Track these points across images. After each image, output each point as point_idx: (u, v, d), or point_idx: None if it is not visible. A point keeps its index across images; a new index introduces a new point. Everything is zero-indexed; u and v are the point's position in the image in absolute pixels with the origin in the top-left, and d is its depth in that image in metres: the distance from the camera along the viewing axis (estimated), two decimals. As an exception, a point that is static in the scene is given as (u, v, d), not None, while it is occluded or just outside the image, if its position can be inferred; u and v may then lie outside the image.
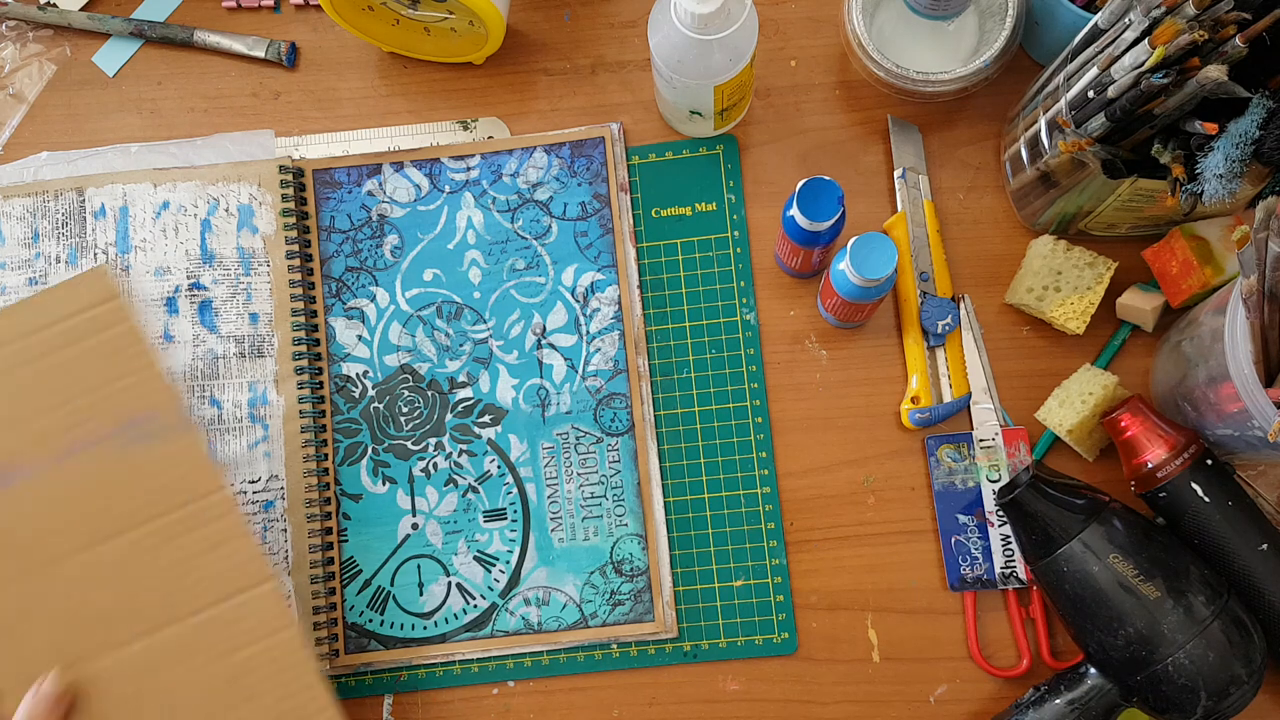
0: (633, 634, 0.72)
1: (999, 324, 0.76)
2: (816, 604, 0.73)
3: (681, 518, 0.74)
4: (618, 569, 0.73)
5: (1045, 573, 0.67)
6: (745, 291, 0.77)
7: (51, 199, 0.78)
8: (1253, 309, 0.60)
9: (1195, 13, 0.58)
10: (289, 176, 0.77)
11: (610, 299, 0.76)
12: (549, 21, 0.81)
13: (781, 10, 0.80)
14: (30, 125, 0.81)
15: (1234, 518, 0.66)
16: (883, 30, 0.77)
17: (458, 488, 0.75)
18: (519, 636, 0.73)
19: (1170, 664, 0.63)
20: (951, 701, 0.72)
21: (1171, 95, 0.60)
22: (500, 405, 0.75)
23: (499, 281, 0.77)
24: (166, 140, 0.80)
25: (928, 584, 0.73)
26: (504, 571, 0.73)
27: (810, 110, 0.79)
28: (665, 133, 0.79)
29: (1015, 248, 0.76)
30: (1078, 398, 0.71)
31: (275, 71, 0.82)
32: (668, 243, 0.77)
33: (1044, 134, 0.67)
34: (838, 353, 0.76)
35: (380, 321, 0.77)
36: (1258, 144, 0.60)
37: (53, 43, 0.83)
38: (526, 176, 0.78)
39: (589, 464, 0.74)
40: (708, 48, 0.66)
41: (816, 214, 0.67)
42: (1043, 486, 0.67)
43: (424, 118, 0.80)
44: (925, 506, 0.74)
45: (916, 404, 0.73)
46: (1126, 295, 0.73)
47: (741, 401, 0.75)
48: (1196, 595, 0.63)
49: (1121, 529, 0.65)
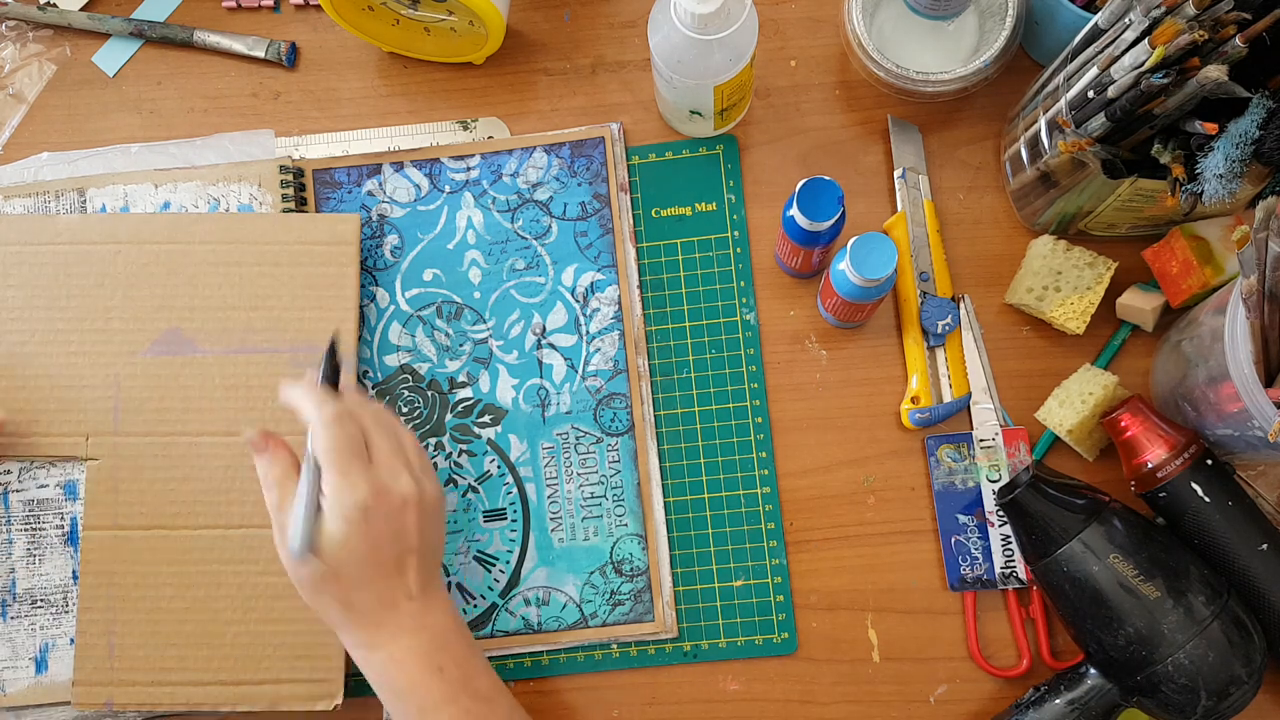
0: (633, 634, 0.72)
1: (999, 324, 0.76)
2: (816, 604, 0.73)
3: (681, 518, 0.74)
4: (618, 569, 0.73)
5: (1045, 573, 0.67)
6: (745, 291, 0.77)
7: (53, 199, 0.78)
8: (1253, 309, 0.60)
9: (1195, 13, 0.58)
10: (289, 176, 0.77)
11: (610, 299, 0.76)
12: (549, 21, 0.81)
13: (781, 10, 0.80)
14: (30, 125, 0.81)
15: (1234, 518, 0.66)
16: (883, 30, 0.77)
17: (458, 487, 0.75)
18: (519, 636, 0.73)
19: (1170, 664, 0.62)
20: (951, 701, 0.72)
21: (1171, 95, 0.60)
22: (500, 405, 0.75)
23: (499, 281, 0.77)
24: (167, 140, 0.80)
25: (928, 584, 0.73)
26: (504, 571, 0.73)
27: (810, 110, 0.79)
28: (665, 133, 0.79)
29: (1015, 248, 0.76)
30: (1078, 398, 0.71)
31: (275, 71, 0.82)
32: (668, 243, 0.77)
33: (1044, 134, 0.67)
34: (838, 353, 0.76)
35: (380, 321, 0.77)
36: (1258, 144, 0.60)
37: (53, 43, 0.83)
38: (526, 176, 0.78)
39: (589, 464, 0.74)
40: (708, 48, 0.66)
41: (816, 214, 0.67)
42: (1043, 486, 0.67)
43: (424, 118, 0.80)
44: (925, 506, 0.74)
45: (916, 404, 0.73)
46: (1126, 295, 0.73)
47: (741, 401, 0.75)
48: (1196, 595, 0.63)
49: (1121, 529, 0.65)
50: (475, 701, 0.61)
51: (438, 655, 0.61)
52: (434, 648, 0.62)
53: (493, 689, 0.63)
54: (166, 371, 0.74)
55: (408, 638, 0.61)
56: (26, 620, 0.73)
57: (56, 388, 0.74)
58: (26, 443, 0.73)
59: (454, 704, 0.61)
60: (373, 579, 0.61)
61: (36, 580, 0.73)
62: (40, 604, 0.73)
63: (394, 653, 0.61)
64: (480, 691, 0.62)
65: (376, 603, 0.61)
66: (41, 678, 0.72)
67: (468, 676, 0.62)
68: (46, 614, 0.73)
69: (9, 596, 0.73)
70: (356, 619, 0.61)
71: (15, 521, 0.74)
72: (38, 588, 0.73)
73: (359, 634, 0.61)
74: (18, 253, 0.75)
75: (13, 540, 0.74)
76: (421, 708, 0.61)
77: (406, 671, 0.61)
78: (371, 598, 0.61)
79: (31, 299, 0.74)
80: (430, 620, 0.62)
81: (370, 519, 0.60)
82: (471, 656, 0.63)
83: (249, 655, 0.71)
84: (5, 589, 0.73)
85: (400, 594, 0.61)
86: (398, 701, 0.62)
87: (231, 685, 0.71)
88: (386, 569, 0.61)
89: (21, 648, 0.73)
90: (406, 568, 0.62)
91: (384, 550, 0.60)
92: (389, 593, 0.61)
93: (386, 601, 0.61)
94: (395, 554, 0.61)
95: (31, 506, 0.74)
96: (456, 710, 0.61)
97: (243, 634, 0.71)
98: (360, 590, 0.60)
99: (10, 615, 0.73)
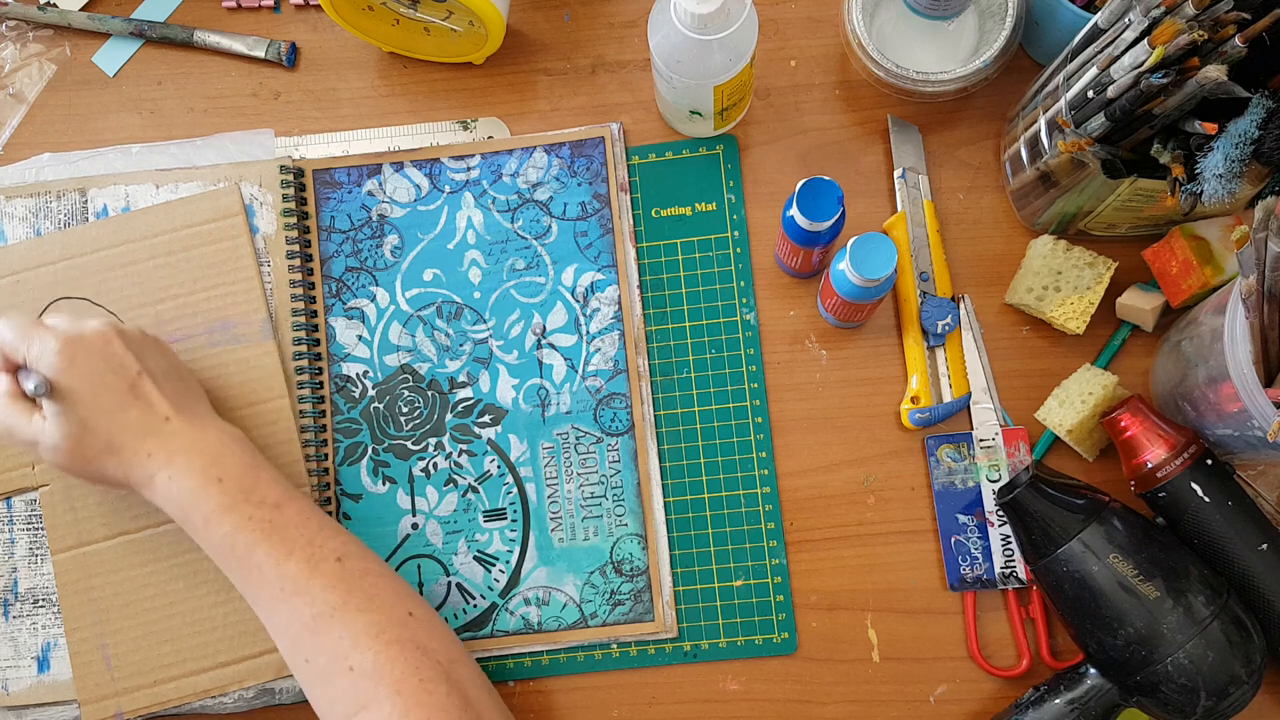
0: (633, 634, 0.72)
1: (999, 324, 0.76)
2: (816, 604, 0.73)
3: (681, 518, 0.74)
4: (618, 569, 0.73)
5: (1045, 573, 0.67)
6: (745, 291, 0.77)
7: (54, 199, 0.78)
8: (1252, 309, 0.59)
9: (1195, 13, 0.58)
10: (289, 176, 0.78)
11: (610, 299, 0.76)
12: (549, 21, 0.81)
13: (781, 10, 0.80)
14: (30, 125, 0.81)
15: (1234, 518, 0.66)
16: (883, 30, 0.77)
17: (458, 488, 0.75)
18: (519, 636, 0.73)
19: (1170, 664, 0.63)
20: (951, 701, 0.72)
21: (1171, 95, 0.60)
22: (500, 405, 0.76)
23: (499, 281, 0.77)
24: (167, 140, 0.80)
25: (927, 584, 0.73)
26: (504, 571, 0.74)
27: (810, 110, 0.79)
28: (665, 133, 0.79)
29: (1015, 248, 0.76)
30: (1078, 398, 0.71)
31: (275, 71, 0.82)
32: (668, 243, 0.77)
33: (1044, 134, 0.67)
34: (838, 353, 0.76)
35: (380, 321, 0.77)
36: (1257, 144, 0.60)
37: (53, 43, 0.83)
38: (526, 176, 0.78)
39: (589, 464, 0.74)
40: (708, 48, 0.66)
41: (816, 214, 0.67)
42: (1042, 486, 0.67)
43: (424, 118, 0.80)
44: (925, 506, 0.74)
45: (916, 404, 0.73)
46: (1126, 295, 0.73)
47: (741, 401, 0.75)
48: (1196, 595, 0.63)
49: (1121, 529, 0.65)
50: (260, 508, 0.63)
51: (213, 468, 0.64)
52: (209, 462, 0.64)
53: (283, 496, 0.65)
54: None
55: (180, 458, 0.64)
56: (28, 620, 0.73)
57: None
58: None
59: (235, 512, 0.63)
60: (115, 411, 0.63)
61: (38, 580, 0.74)
62: (42, 603, 0.73)
63: (170, 475, 0.63)
64: (267, 499, 0.64)
65: (136, 432, 0.64)
66: (44, 677, 0.72)
67: (251, 486, 0.64)
68: (48, 613, 0.73)
69: (11, 596, 0.74)
70: (128, 459, 0.63)
71: (17, 521, 0.74)
72: (39, 587, 0.74)
73: (136, 472, 0.64)
74: None
75: (15, 540, 0.74)
76: (206, 519, 0.63)
77: (184, 488, 0.63)
78: (126, 430, 0.63)
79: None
80: (198, 436, 0.65)
81: (74, 362, 0.63)
82: (256, 468, 0.65)
83: (243, 631, 0.71)
84: (7, 588, 0.74)
85: (154, 418, 0.64)
86: (185, 521, 0.64)
87: (233, 664, 0.71)
88: (123, 398, 0.64)
89: (24, 647, 0.73)
90: (144, 393, 0.64)
91: (108, 381, 0.63)
92: (142, 420, 0.64)
93: (144, 428, 0.64)
94: (123, 383, 0.64)
95: (34, 506, 0.74)
96: (239, 518, 0.63)
97: (231, 612, 0.72)
98: (113, 431, 0.63)
99: (12, 615, 0.73)
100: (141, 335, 0.68)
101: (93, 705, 0.71)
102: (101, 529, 0.73)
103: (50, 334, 0.63)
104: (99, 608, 0.72)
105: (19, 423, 0.64)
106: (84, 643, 0.72)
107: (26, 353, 0.63)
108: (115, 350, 0.65)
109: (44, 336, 0.63)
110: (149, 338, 0.68)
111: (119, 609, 0.72)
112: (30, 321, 0.64)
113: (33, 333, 0.64)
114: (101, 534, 0.73)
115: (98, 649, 0.71)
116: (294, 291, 0.76)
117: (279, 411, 0.74)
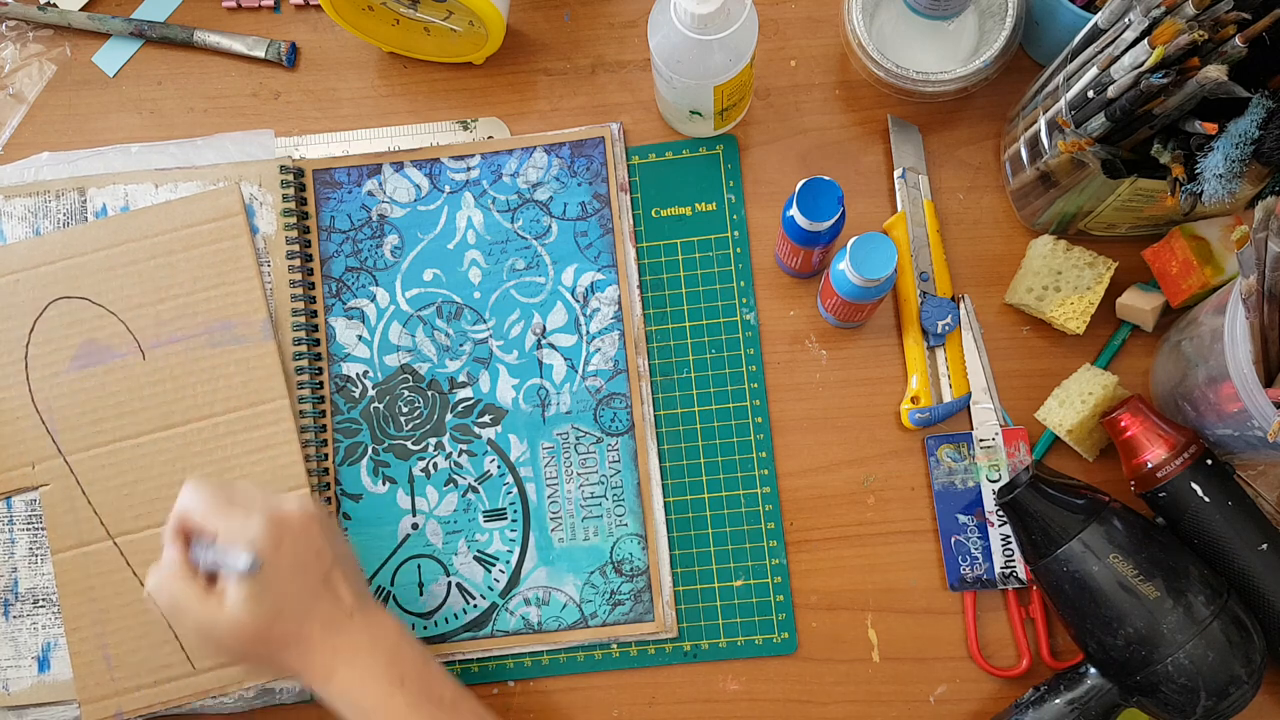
0: (633, 634, 0.72)
1: (999, 324, 0.76)
2: (816, 604, 0.73)
3: (681, 518, 0.74)
4: (618, 569, 0.73)
5: (1045, 572, 0.67)
6: (745, 291, 0.77)
7: (53, 199, 0.78)
8: (1252, 309, 0.59)
9: (1195, 13, 0.58)
10: (289, 176, 0.78)
11: (610, 299, 0.76)
12: (549, 21, 0.81)
13: (781, 10, 0.80)
14: (30, 125, 0.81)
15: (1234, 518, 0.66)
16: (883, 30, 0.77)
17: (458, 488, 0.75)
18: (519, 636, 0.73)
19: (1170, 664, 0.63)
20: (951, 701, 0.72)
21: (1171, 95, 0.60)
22: (500, 405, 0.75)
23: (499, 281, 0.77)
24: (167, 140, 0.80)
25: (927, 584, 0.73)
26: (504, 571, 0.74)
27: (810, 110, 0.79)
28: (665, 133, 0.79)
29: (1015, 248, 0.76)
30: (1078, 398, 0.71)
31: (275, 71, 0.82)
32: (668, 243, 0.77)
33: (1044, 134, 0.67)
34: (838, 353, 0.76)
35: (380, 321, 0.77)
36: (1257, 144, 0.60)
37: (53, 43, 0.83)
38: (526, 176, 0.78)
39: (589, 464, 0.74)
40: (708, 48, 0.66)
41: (816, 214, 0.67)
42: (1042, 486, 0.67)
43: (424, 118, 0.80)
44: (925, 506, 0.74)
45: (916, 404, 0.73)
46: (1126, 295, 0.73)
47: (741, 401, 0.75)
48: (1196, 595, 0.63)
49: (1121, 529, 0.65)
50: (440, 708, 0.61)
51: (395, 667, 0.61)
52: (390, 661, 0.61)
53: (456, 694, 0.63)
54: (92, 383, 0.74)
55: (364, 656, 0.61)
56: (29, 619, 0.73)
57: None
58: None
59: (418, 712, 0.60)
60: (310, 605, 0.60)
61: (39, 580, 0.74)
62: (42, 603, 0.73)
63: (353, 674, 0.61)
64: (444, 698, 0.62)
65: (323, 629, 0.60)
66: (44, 676, 0.72)
67: (428, 684, 0.62)
68: (49, 613, 0.73)
69: (11, 596, 0.74)
70: (311, 652, 0.60)
71: (18, 521, 0.74)
72: (40, 587, 0.74)
73: (316, 667, 0.61)
74: None
75: (15, 540, 0.74)
76: None
77: (368, 690, 0.60)
78: (315, 622, 0.60)
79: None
80: (379, 633, 0.62)
81: (281, 545, 0.59)
82: (428, 663, 0.63)
83: None
84: (7, 588, 0.74)
85: (340, 613, 0.61)
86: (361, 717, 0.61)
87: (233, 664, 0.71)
88: (317, 590, 0.61)
89: (24, 647, 0.73)
90: (335, 583, 0.62)
91: (309, 571, 0.60)
92: (330, 615, 0.61)
93: (331, 625, 0.61)
94: (320, 573, 0.61)
95: (33, 506, 0.74)
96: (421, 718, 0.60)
97: None
98: (304, 620, 0.60)
99: (12, 614, 0.73)
100: (329, 518, 0.65)
101: (93, 705, 0.71)
102: (101, 529, 0.73)
103: (255, 510, 0.60)
104: (99, 608, 0.72)
105: (190, 599, 0.59)
106: (84, 642, 0.72)
107: (221, 526, 0.59)
108: (315, 536, 0.61)
109: (246, 511, 0.60)
110: (332, 519, 0.66)
111: (119, 609, 0.72)
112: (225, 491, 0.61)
113: (231, 507, 0.60)
114: (102, 533, 0.73)
115: (98, 649, 0.72)
116: (294, 291, 0.76)
117: (279, 411, 0.74)
